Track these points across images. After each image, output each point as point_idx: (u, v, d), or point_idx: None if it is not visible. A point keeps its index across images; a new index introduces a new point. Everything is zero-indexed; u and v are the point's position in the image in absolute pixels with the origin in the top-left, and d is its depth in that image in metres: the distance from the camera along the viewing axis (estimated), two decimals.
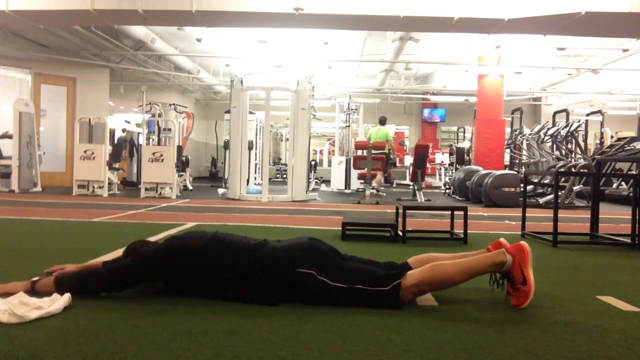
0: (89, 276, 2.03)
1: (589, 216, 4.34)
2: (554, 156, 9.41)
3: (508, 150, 11.54)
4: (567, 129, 9.03)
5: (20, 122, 8.51)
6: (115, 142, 9.76)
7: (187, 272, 2.01)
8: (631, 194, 4.55)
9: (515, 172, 8.63)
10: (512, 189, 7.76)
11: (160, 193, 8.08)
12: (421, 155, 8.19)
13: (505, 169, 10.79)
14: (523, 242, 2.03)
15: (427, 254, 2.19)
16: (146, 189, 8.14)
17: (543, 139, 9.57)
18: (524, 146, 10.49)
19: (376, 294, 1.94)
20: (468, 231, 3.77)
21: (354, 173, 10.13)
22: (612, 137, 13.42)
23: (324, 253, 2.06)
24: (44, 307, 1.73)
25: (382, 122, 10.45)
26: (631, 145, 9.39)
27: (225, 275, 1.99)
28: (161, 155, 8.17)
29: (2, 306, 1.70)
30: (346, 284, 1.95)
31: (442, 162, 14.27)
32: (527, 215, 4.35)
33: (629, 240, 3.76)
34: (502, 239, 2.14)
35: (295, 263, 1.98)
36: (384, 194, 9.82)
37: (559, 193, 6.50)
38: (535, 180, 8.42)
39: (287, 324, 1.73)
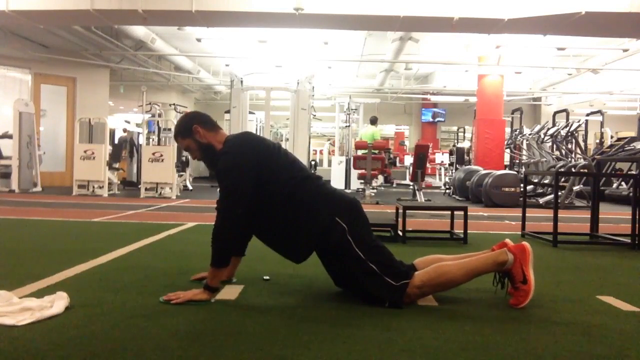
0: (219, 232, 1.96)
1: (589, 216, 4.33)
2: (554, 156, 9.41)
3: (508, 150, 11.53)
4: (567, 129, 9.03)
5: (20, 122, 8.51)
6: (116, 142, 9.77)
7: (262, 167, 2.00)
8: (631, 194, 4.54)
9: (515, 172, 8.63)
10: (512, 189, 7.76)
11: (160, 193, 8.08)
12: (421, 155, 8.18)
13: (505, 169, 10.79)
14: (525, 242, 2.04)
15: (432, 256, 2.19)
16: (146, 189, 8.14)
17: (543, 139, 9.57)
18: (524, 146, 10.49)
19: (383, 284, 1.94)
20: (468, 231, 3.77)
21: (354, 173, 10.13)
22: (612, 137, 13.42)
23: (362, 217, 2.10)
24: (45, 310, 1.73)
25: (372, 121, 10.55)
26: (631, 145, 9.38)
27: (281, 185, 2.01)
28: (161, 155, 8.16)
29: (5, 309, 1.70)
30: (365, 256, 1.97)
31: (442, 162, 14.27)
32: (527, 215, 4.35)
33: (629, 240, 3.75)
34: (507, 240, 2.14)
35: (335, 211, 2.01)
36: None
37: (559, 193, 6.50)
38: (535, 180, 8.42)
39: (287, 324, 1.73)
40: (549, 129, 9.48)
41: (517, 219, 5.27)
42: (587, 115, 11.46)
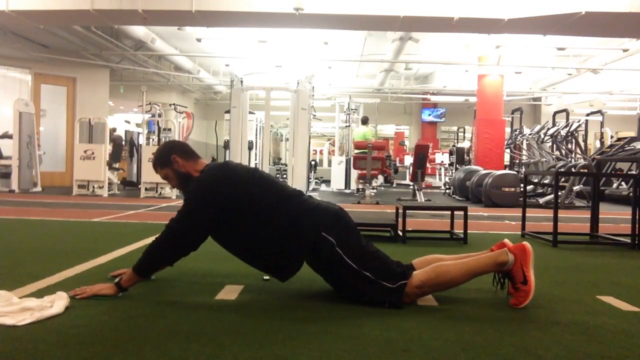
0: (159, 248, 1.99)
1: (589, 216, 4.33)
2: (554, 156, 9.41)
3: (508, 150, 11.53)
4: (567, 129, 9.03)
5: (20, 122, 8.51)
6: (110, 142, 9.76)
7: (233, 199, 1.99)
8: (631, 194, 4.54)
9: (515, 172, 8.63)
10: (512, 189, 7.76)
11: (160, 193, 8.08)
12: (421, 155, 8.19)
13: (505, 169, 10.79)
14: (525, 243, 2.04)
15: (431, 256, 2.19)
16: (146, 189, 8.14)
17: (543, 139, 9.57)
18: (524, 146, 10.49)
19: (381, 288, 1.94)
20: (468, 231, 3.76)
21: (354, 173, 10.14)
22: (612, 137, 13.42)
23: (349, 226, 2.07)
24: (45, 310, 1.73)
25: (363, 122, 10.59)
26: (631, 145, 9.39)
27: (259, 212, 1.99)
28: None
29: (5, 309, 1.70)
30: (357, 266, 1.95)
31: (442, 162, 14.27)
32: (527, 215, 4.35)
33: (629, 240, 3.75)
34: (506, 240, 2.14)
35: (321, 225, 1.99)
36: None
37: (559, 193, 6.50)
38: (535, 180, 8.42)
39: (287, 324, 1.73)
40: (549, 129, 9.48)
41: (517, 219, 5.27)
42: (587, 115, 11.46)
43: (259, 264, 2.12)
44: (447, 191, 10.52)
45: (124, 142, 10.02)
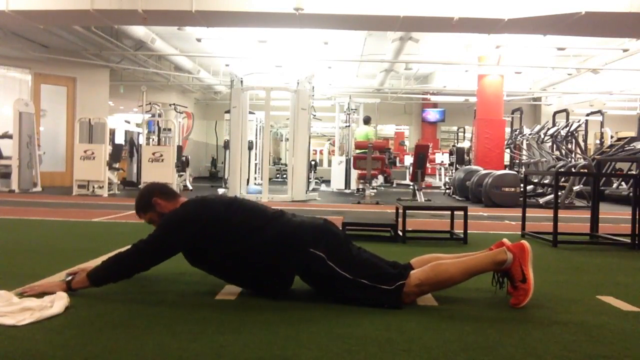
0: (120, 260, 1.99)
1: (589, 216, 4.33)
2: (554, 156, 9.41)
3: (508, 150, 11.54)
4: (567, 129, 9.03)
5: (20, 122, 8.51)
6: (115, 142, 9.77)
7: (207, 234, 2.00)
8: (631, 194, 4.54)
9: (515, 172, 8.63)
10: (512, 189, 7.76)
11: None
12: (421, 155, 8.18)
13: (505, 169, 10.79)
14: (524, 241, 2.04)
15: (429, 255, 2.19)
16: None
17: (543, 139, 9.57)
18: (524, 146, 10.49)
19: (379, 292, 1.93)
20: (468, 231, 3.76)
21: (354, 173, 10.14)
22: (612, 137, 13.42)
23: (337, 238, 2.05)
24: (45, 310, 1.73)
25: (365, 121, 10.58)
26: (631, 145, 9.39)
27: (241, 241, 1.99)
28: (161, 155, 8.18)
29: (5, 309, 1.70)
30: (352, 275, 1.94)
31: (442, 162, 14.27)
32: (527, 215, 4.34)
33: (629, 240, 3.75)
34: (504, 240, 2.14)
35: (307, 242, 1.97)
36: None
37: (559, 193, 6.50)
38: (535, 180, 8.42)
39: (287, 324, 1.73)
40: (549, 129, 9.48)
41: (517, 219, 5.27)
42: (587, 115, 11.46)
43: (249, 286, 2.12)
44: (447, 191, 10.52)
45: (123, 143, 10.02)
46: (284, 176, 15.65)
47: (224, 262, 2.05)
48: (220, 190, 8.92)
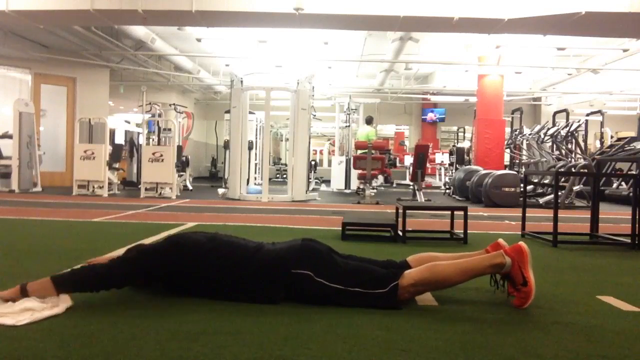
0: (89, 272, 1.93)
1: (589, 216, 4.33)
2: (554, 156, 9.41)
3: (508, 150, 11.54)
4: (567, 129, 9.03)
5: (20, 122, 8.51)
6: (115, 142, 9.76)
7: (186, 270, 2.00)
8: (631, 194, 4.54)
9: (515, 172, 8.63)
10: (512, 189, 7.76)
11: (160, 193, 8.08)
12: (421, 155, 8.19)
13: (505, 169, 10.79)
14: (521, 243, 2.02)
15: (427, 253, 2.19)
16: (146, 189, 8.14)
17: (543, 139, 9.56)
18: (524, 146, 10.49)
19: (375, 297, 1.93)
20: (468, 231, 3.77)
21: (354, 173, 10.14)
22: (612, 137, 13.42)
23: (319, 253, 2.04)
24: (45, 310, 1.73)
25: (367, 121, 10.58)
26: (631, 145, 9.39)
27: (223, 277, 2.00)
28: (161, 155, 8.17)
29: (5, 310, 1.71)
30: (343, 286, 1.94)
31: (442, 162, 14.27)
32: (527, 215, 4.35)
33: (629, 240, 3.75)
34: (500, 240, 2.13)
35: (289, 264, 1.97)
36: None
37: (559, 193, 6.50)
38: (535, 180, 8.42)
39: (287, 324, 1.73)
40: (549, 129, 9.47)
41: (517, 219, 5.28)
42: (587, 115, 11.46)
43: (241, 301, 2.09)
44: (447, 191, 10.52)
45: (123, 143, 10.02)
46: (284, 176, 15.65)
47: (208, 286, 2.03)
48: (221, 191, 8.92)
